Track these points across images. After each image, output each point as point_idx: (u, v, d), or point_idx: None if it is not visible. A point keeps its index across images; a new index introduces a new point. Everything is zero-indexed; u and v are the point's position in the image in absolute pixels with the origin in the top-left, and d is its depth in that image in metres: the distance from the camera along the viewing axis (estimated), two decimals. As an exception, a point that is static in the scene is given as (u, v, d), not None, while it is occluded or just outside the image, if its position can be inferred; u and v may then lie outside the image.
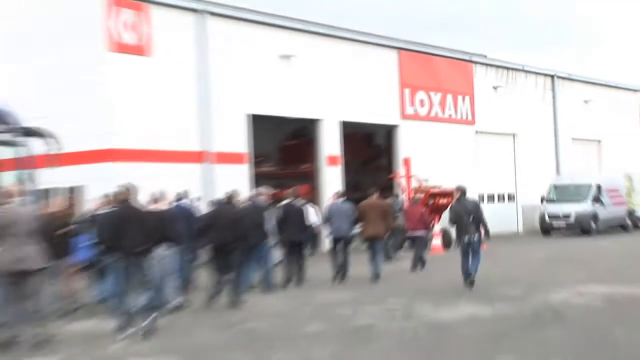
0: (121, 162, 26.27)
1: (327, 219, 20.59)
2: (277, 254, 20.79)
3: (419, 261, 22.63)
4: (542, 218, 38.77)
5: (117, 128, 26.53)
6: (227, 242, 15.88)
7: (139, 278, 13.04)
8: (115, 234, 13.00)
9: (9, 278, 11.96)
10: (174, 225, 14.58)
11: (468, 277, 18.03)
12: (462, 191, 19.25)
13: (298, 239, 19.56)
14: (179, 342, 11.73)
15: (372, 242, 20.47)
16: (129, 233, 12.87)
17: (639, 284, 17.23)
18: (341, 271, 20.21)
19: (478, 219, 18.34)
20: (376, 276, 20.19)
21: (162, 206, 15.90)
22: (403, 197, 31.89)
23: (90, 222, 15.75)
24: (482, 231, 18.38)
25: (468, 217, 18.22)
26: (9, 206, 12.45)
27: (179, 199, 19.16)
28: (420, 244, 22.97)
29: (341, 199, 21.64)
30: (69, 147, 23.35)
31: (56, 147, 18.91)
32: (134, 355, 10.76)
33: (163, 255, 14.53)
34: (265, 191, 20.04)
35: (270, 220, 19.17)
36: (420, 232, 23.01)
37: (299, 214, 19.78)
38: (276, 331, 12.46)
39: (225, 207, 16.83)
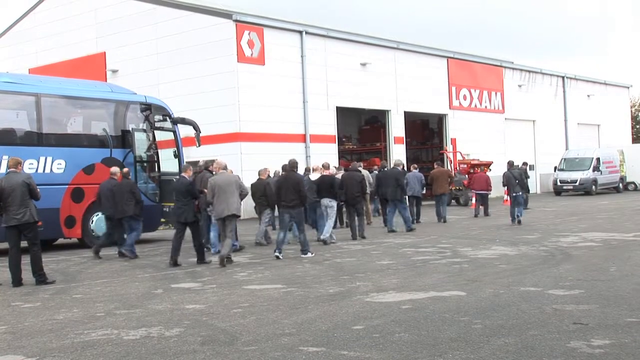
0: (246, 142, 26.72)
1: (407, 183, 20.28)
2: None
3: (486, 211, 23.65)
4: (555, 183, 38.26)
5: (242, 117, 26.90)
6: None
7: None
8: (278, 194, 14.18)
9: (221, 221, 13.13)
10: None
11: (514, 219, 19.82)
12: (511, 163, 21.72)
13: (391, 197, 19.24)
14: (284, 274, 11.78)
15: (439, 196, 21.60)
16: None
17: (629, 231, 16.75)
18: (415, 217, 20.88)
19: (522, 182, 20.66)
20: (444, 220, 21.49)
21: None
22: (451, 166, 31.64)
23: None
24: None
25: (514, 180, 20.25)
26: (224, 172, 13.44)
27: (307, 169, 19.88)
28: (486, 200, 23.81)
29: (415, 169, 21.97)
30: (209, 131, 23.85)
31: (198, 131, 19.26)
32: (254, 282, 10.84)
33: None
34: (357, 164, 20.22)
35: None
36: (485, 191, 23.78)
37: (394, 176, 19.03)
38: (356, 265, 12.47)
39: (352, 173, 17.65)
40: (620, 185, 40.87)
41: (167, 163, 18.87)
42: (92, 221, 17.17)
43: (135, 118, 18.46)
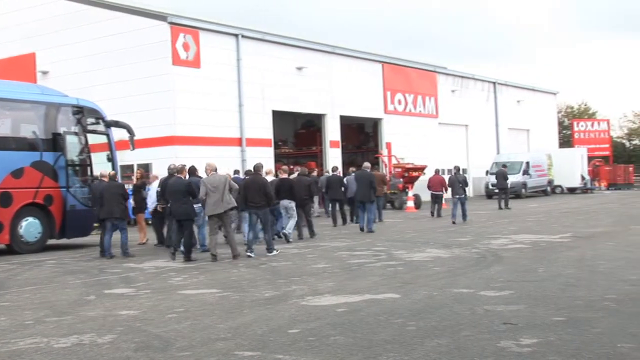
0: (181, 146, 26.44)
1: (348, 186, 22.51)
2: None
3: (439, 212, 24.58)
4: (486, 186, 39.01)
5: (178, 120, 26.63)
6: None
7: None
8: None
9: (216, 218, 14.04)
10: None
11: (454, 217, 21.41)
12: (457, 168, 23.70)
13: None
14: (220, 278, 11.71)
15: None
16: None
17: (556, 233, 17.23)
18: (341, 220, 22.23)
19: (465, 185, 22.31)
20: (379, 220, 22.41)
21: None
22: (386, 170, 32.00)
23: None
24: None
25: (459, 184, 22.03)
26: (214, 173, 14.20)
27: (235, 172, 19.99)
28: (440, 200, 24.85)
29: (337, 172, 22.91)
30: (144, 134, 23.52)
31: (132, 135, 18.97)
32: (189, 287, 10.74)
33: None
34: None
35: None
36: (440, 192, 24.75)
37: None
38: (292, 269, 12.48)
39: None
40: (548, 188, 42.08)
41: (101, 167, 18.49)
42: (21, 226, 16.66)
43: (67, 121, 18.04)
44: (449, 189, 22.79)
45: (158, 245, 17.12)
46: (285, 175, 17.64)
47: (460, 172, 23.17)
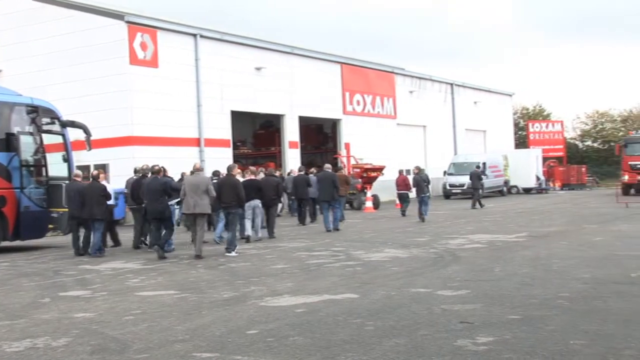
0: (139, 146, 26.15)
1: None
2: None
3: (405, 210, 25.01)
4: (444, 186, 39.37)
5: (135, 121, 26.34)
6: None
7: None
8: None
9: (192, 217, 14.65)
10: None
11: (421, 216, 22.35)
12: (419, 168, 25.07)
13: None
14: (178, 279, 11.62)
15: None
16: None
17: (512, 233, 17.49)
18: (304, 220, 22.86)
19: (428, 184, 23.32)
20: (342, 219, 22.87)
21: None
22: (345, 170, 32.04)
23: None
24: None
25: (423, 183, 23.00)
26: (199, 173, 14.80)
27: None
28: (406, 199, 25.42)
29: (303, 172, 23.15)
30: (101, 135, 23.22)
31: (89, 135, 18.69)
32: (147, 288, 10.63)
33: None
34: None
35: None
36: (405, 191, 25.33)
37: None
38: (251, 269, 12.44)
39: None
40: (505, 188, 42.62)
41: (56, 167, 18.19)
42: (-26, 228, 16.31)
43: (21, 120, 17.68)
44: (414, 189, 23.62)
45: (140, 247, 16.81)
46: (252, 176, 17.91)
47: (423, 171, 24.23)
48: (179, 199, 15.22)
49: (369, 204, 29.70)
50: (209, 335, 7.15)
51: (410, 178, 25.81)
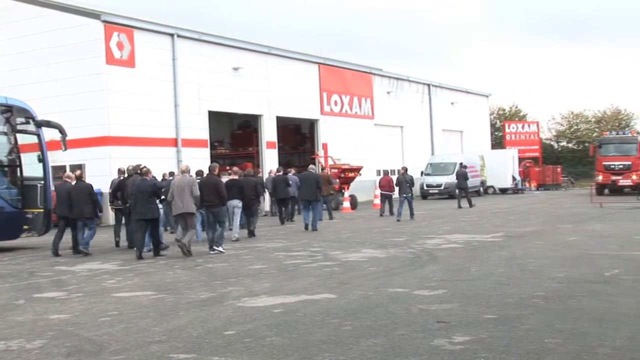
0: (116, 146, 25.97)
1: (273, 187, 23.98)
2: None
3: (391, 210, 25.36)
4: (421, 187, 39.45)
5: (112, 121, 26.15)
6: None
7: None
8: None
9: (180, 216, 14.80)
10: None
11: (399, 215, 22.94)
12: (405, 168, 25.19)
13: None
14: (155, 280, 11.56)
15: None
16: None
17: (488, 233, 17.61)
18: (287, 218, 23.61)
19: (412, 185, 24.05)
20: (330, 217, 24.05)
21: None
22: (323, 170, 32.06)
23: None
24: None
25: (406, 184, 23.66)
26: (185, 175, 15.06)
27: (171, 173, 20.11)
28: (392, 200, 25.83)
29: (282, 173, 23.71)
30: (76, 135, 23.01)
31: (64, 135, 18.52)
32: (123, 289, 10.56)
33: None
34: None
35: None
36: (389, 192, 25.75)
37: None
38: (228, 270, 12.40)
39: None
40: (481, 189, 42.87)
41: (31, 168, 18.01)
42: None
43: (-6, 120, 17.49)
44: (397, 188, 24.28)
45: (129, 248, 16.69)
46: (235, 177, 18.09)
47: (408, 172, 24.73)
48: (163, 198, 15.34)
49: (346, 204, 29.76)
50: (185, 336, 7.12)
51: (395, 178, 26.10)
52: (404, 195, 23.53)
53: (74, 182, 15.68)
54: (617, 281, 9.76)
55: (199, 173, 18.50)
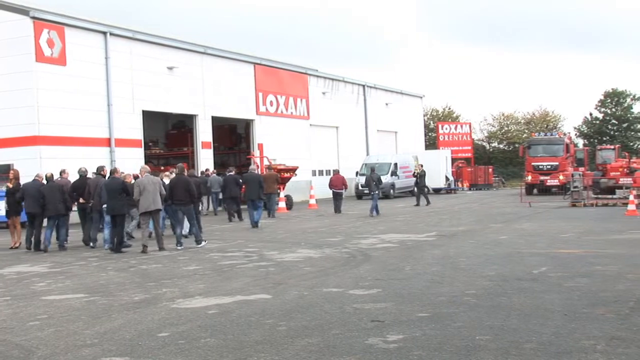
0: (46, 146, 25.32)
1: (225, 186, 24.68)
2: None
3: (339, 208, 26.85)
4: (356, 187, 39.68)
5: (42, 120, 25.47)
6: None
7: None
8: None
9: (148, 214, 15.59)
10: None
11: (372, 211, 24.67)
12: (373, 169, 27.11)
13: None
14: (87, 282, 11.32)
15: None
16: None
17: (422, 232, 17.87)
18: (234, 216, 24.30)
19: (379, 183, 25.75)
20: (273, 215, 24.74)
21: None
22: (258, 170, 31.96)
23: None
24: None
25: (373, 183, 25.47)
26: (148, 175, 15.91)
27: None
28: (341, 197, 27.34)
29: (233, 173, 25.18)
30: (4, 134, 22.36)
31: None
32: (54, 292, 10.30)
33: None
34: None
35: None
36: (341, 190, 27.19)
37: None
38: (162, 271, 12.25)
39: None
40: (415, 189, 43.39)
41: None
42: None
43: None
44: (365, 189, 25.88)
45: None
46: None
47: (375, 173, 26.33)
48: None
49: (282, 204, 29.72)
50: (118, 338, 7.00)
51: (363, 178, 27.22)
52: (372, 193, 25.29)
53: (44, 182, 16.54)
54: (545, 278, 10.04)
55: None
